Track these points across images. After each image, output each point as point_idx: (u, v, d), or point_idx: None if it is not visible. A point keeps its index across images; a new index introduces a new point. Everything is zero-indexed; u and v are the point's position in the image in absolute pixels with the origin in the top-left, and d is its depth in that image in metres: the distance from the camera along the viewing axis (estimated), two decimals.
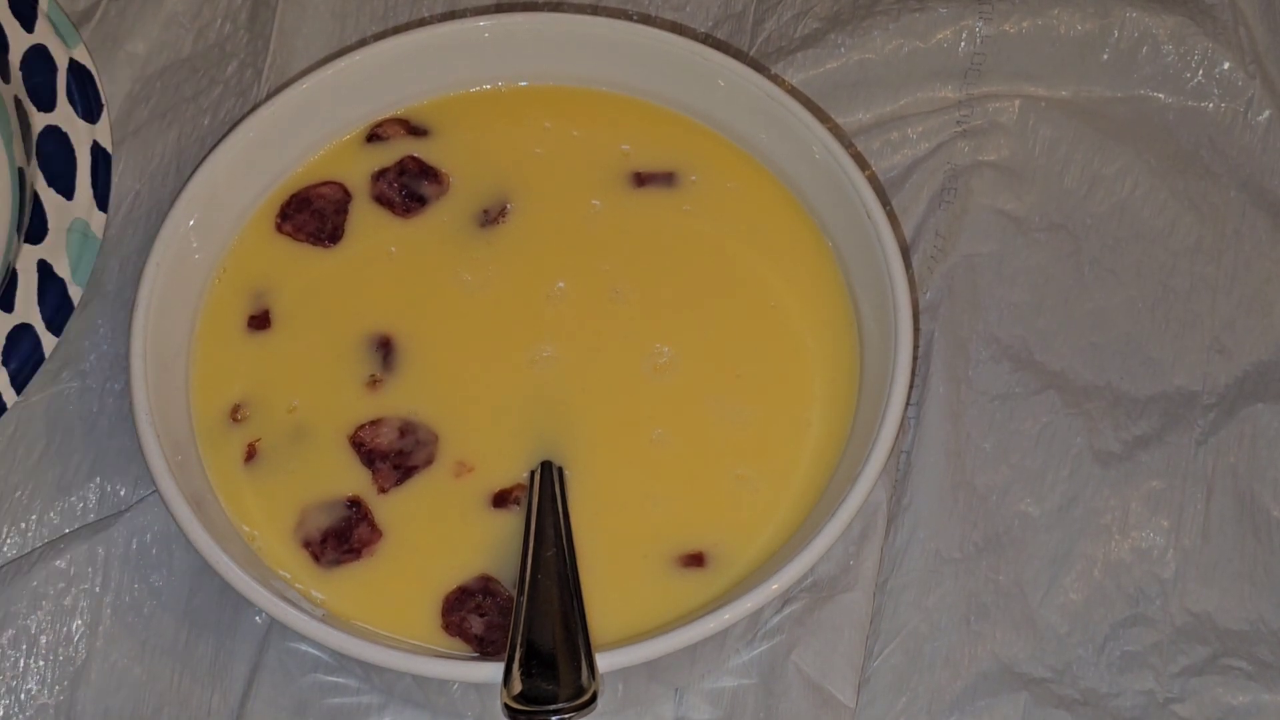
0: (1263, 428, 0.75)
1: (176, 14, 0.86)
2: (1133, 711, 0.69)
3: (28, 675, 0.70)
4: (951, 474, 0.74)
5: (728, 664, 0.70)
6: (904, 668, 0.70)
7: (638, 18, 0.86)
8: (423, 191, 0.74)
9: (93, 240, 0.77)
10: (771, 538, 0.66)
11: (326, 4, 0.87)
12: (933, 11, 0.84)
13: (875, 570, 0.72)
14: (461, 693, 0.66)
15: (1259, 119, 0.83)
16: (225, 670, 0.70)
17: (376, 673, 0.67)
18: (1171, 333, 0.78)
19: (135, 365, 0.67)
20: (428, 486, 0.68)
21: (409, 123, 0.76)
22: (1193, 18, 0.83)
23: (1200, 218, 0.80)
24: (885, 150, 0.82)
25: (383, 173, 0.75)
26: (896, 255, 0.69)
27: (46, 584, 0.71)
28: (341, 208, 0.74)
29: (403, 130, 0.76)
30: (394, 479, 0.68)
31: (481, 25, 0.76)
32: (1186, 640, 0.71)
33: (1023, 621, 0.71)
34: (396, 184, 0.74)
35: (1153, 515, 0.73)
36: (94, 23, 0.86)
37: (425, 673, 0.61)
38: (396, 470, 0.68)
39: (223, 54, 0.86)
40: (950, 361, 0.76)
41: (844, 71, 0.83)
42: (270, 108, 0.73)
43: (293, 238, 0.73)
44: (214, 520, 0.65)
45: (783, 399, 0.70)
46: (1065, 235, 0.80)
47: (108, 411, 0.75)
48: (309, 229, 0.73)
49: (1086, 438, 0.75)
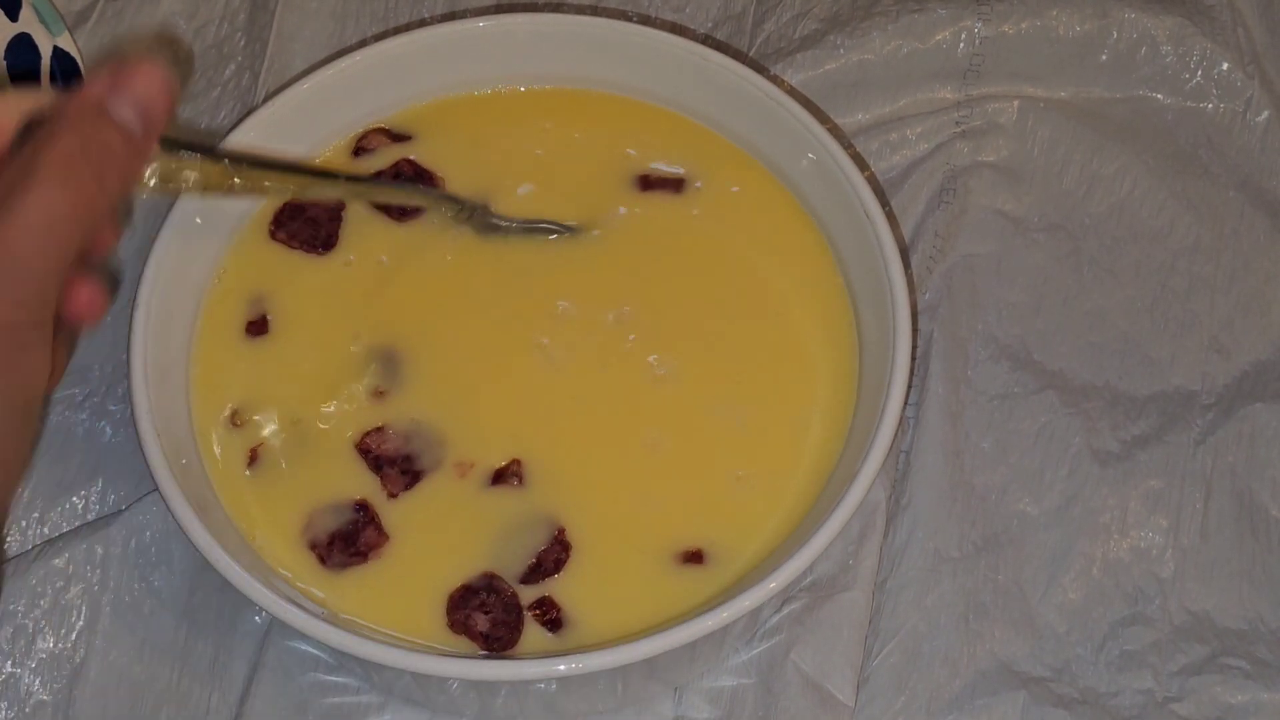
0: (1261, 427, 0.75)
1: (173, 15, 0.86)
2: (1131, 710, 0.69)
3: (26, 673, 0.70)
4: (950, 473, 0.74)
5: (727, 663, 0.70)
6: (903, 667, 0.70)
7: (638, 19, 0.86)
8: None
9: None
10: (770, 536, 0.66)
11: (325, 6, 0.87)
12: (931, 12, 0.84)
13: (874, 569, 0.72)
14: (461, 691, 0.66)
15: (1258, 119, 0.83)
16: (225, 669, 0.70)
17: (376, 671, 0.67)
18: (1170, 332, 0.78)
19: (135, 366, 0.66)
20: (433, 490, 0.68)
21: (392, 132, 0.76)
22: (1191, 18, 0.83)
23: (1199, 218, 0.81)
24: (884, 151, 0.82)
25: (377, 175, 0.75)
26: (895, 256, 0.69)
27: (45, 582, 0.71)
28: (335, 215, 0.74)
29: (388, 139, 0.76)
30: (402, 484, 0.68)
31: (482, 26, 0.76)
32: (1185, 639, 0.71)
33: (1021, 621, 0.71)
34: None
35: (1151, 515, 0.73)
36: (91, 23, 0.86)
37: (424, 670, 0.61)
38: (405, 475, 0.68)
39: (220, 56, 0.86)
40: (949, 361, 0.76)
41: (843, 72, 0.83)
42: (270, 109, 0.73)
43: (287, 245, 0.73)
44: (214, 519, 0.65)
45: (782, 398, 0.70)
46: (1064, 235, 0.80)
47: (110, 416, 0.75)
48: (303, 236, 0.73)
49: (1085, 437, 0.75)
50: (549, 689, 0.65)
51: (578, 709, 0.69)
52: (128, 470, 0.74)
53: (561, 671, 0.61)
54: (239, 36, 0.86)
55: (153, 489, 0.71)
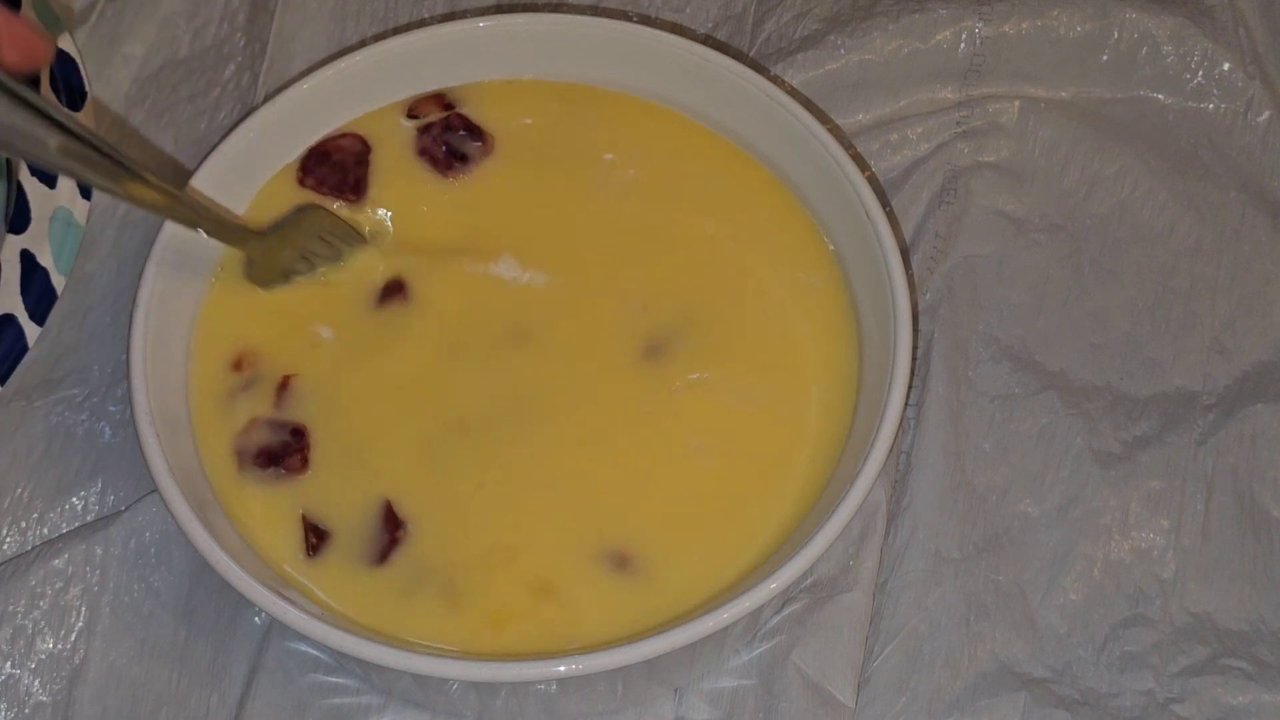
0: (1262, 428, 0.75)
1: (173, 15, 0.86)
2: (1132, 711, 0.69)
3: (26, 674, 0.70)
4: (951, 474, 0.74)
5: (727, 664, 0.70)
6: (904, 668, 0.70)
7: (638, 19, 0.86)
8: (466, 150, 0.74)
9: (75, 229, 0.77)
10: (771, 537, 0.66)
11: (325, 6, 0.87)
12: (932, 13, 0.84)
13: (875, 570, 0.72)
14: (460, 692, 0.66)
15: (1259, 120, 0.83)
16: (224, 670, 0.70)
17: (376, 672, 0.67)
18: (1171, 333, 0.78)
19: (135, 366, 0.66)
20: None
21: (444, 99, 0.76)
22: (1192, 19, 0.83)
23: (1200, 218, 0.80)
24: (885, 151, 0.82)
25: (428, 127, 0.75)
26: (896, 256, 0.69)
27: (45, 583, 0.71)
28: (362, 159, 0.74)
29: (438, 106, 0.76)
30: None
31: (482, 26, 0.76)
32: (1186, 640, 0.71)
33: (1022, 622, 0.71)
34: (440, 140, 0.74)
35: (1152, 515, 0.73)
36: (90, 24, 0.86)
37: (423, 671, 0.61)
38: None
39: (220, 56, 0.86)
40: (950, 362, 0.76)
41: (844, 73, 0.83)
42: (270, 109, 0.73)
43: (316, 191, 0.73)
44: (214, 520, 0.65)
45: (782, 398, 0.69)
46: (1065, 236, 0.80)
47: (110, 417, 0.75)
48: (331, 182, 0.74)
49: (1086, 438, 0.75)
50: (549, 690, 0.65)
51: (578, 710, 0.69)
52: (127, 471, 0.74)
53: (561, 672, 0.61)
54: (239, 37, 0.86)
55: (152, 490, 0.71)
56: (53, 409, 0.75)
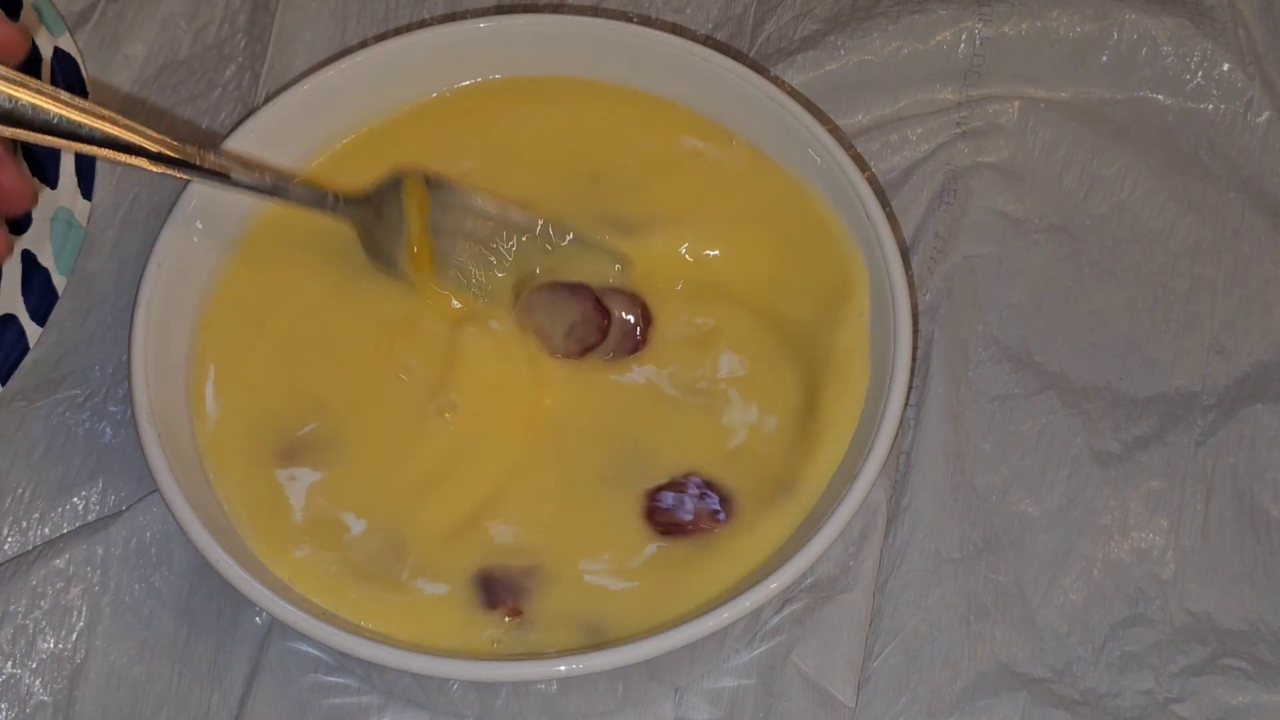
0: (1262, 428, 0.75)
1: (174, 15, 0.86)
2: (1132, 711, 0.69)
3: (26, 674, 0.70)
4: (951, 474, 0.74)
5: (727, 664, 0.70)
6: (904, 668, 0.70)
7: (638, 19, 0.86)
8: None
9: (77, 229, 0.77)
10: (771, 537, 0.66)
11: (326, 7, 0.87)
12: (932, 13, 0.84)
13: (875, 570, 0.72)
14: (461, 692, 0.66)
15: (1258, 120, 0.83)
16: (225, 670, 0.70)
17: (377, 672, 0.67)
18: (1171, 334, 0.78)
19: (136, 366, 0.67)
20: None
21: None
22: (1192, 19, 0.83)
23: (1200, 219, 0.81)
24: (885, 152, 0.82)
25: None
26: (896, 256, 0.69)
27: (46, 583, 0.71)
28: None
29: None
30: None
31: (482, 27, 0.76)
32: (1186, 640, 0.71)
33: (1022, 622, 0.71)
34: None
35: (1152, 515, 0.73)
36: (91, 24, 0.86)
37: (424, 671, 0.61)
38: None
39: (221, 57, 0.86)
40: (950, 362, 0.76)
41: (843, 73, 0.83)
42: (271, 109, 0.73)
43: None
44: (214, 519, 0.65)
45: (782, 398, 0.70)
46: (1065, 236, 0.80)
47: (110, 417, 0.75)
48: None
49: (1086, 438, 0.75)
50: (549, 690, 0.65)
51: (578, 710, 0.69)
52: (128, 471, 0.74)
53: (562, 672, 0.61)
54: (240, 37, 0.86)
55: (153, 490, 0.71)
56: (54, 409, 0.75)
